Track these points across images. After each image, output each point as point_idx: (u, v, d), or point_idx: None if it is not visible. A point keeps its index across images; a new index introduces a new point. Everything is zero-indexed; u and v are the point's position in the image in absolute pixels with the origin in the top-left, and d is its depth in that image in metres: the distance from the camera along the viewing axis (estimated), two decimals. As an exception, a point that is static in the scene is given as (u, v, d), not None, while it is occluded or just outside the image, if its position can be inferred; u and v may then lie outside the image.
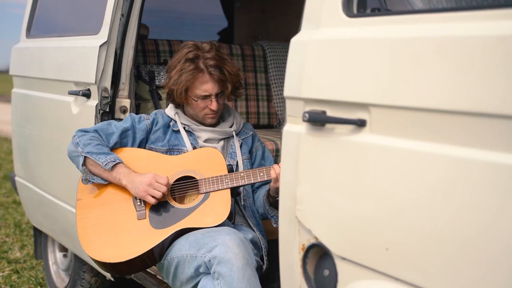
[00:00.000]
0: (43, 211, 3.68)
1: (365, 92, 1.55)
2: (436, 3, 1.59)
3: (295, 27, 1.84)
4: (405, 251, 1.46)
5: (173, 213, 2.36)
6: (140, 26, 2.97)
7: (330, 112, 1.65)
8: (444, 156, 1.38)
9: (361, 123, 1.56)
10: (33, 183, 3.73)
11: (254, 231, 2.49)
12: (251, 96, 3.84)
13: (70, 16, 3.76)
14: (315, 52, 1.70)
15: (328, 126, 1.66)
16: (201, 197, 2.38)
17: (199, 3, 5.02)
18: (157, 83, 3.32)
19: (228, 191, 2.37)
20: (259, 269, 2.36)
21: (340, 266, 1.65)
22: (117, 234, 2.36)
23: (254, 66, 3.89)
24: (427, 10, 1.57)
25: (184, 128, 2.57)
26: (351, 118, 1.58)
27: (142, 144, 2.56)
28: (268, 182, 2.48)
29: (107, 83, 2.88)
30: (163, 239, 2.30)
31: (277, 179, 2.24)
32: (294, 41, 1.78)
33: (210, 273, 2.15)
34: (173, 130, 2.58)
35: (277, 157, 3.11)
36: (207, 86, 2.46)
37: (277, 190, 2.04)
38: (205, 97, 2.48)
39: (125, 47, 2.92)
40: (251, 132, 2.70)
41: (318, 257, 1.75)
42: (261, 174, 2.37)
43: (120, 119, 2.84)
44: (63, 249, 3.84)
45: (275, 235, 1.93)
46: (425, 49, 1.42)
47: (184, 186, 2.44)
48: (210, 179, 2.38)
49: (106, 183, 2.43)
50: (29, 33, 3.94)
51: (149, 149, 2.55)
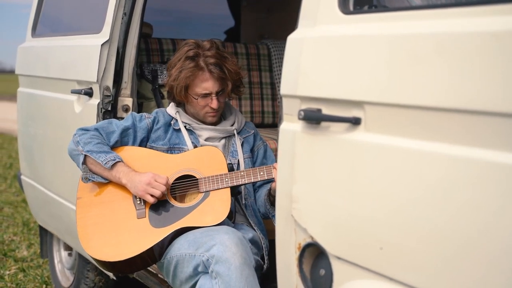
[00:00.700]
0: (48, 210, 3.69)
1: (360, 90, 1.53)
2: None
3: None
4: (400, 251, 1.44)
5: (172, 212, 2.35)
6: (143, 24, 2.96)
7: (326, 110, 1.63)
8: (440, 154, 1.35)
9: (356, 121, 1.55)
10: (38, 182, 3.74)
11: (255, 231, 2.48)
12: (256, 95, 3.82)
13: (73, 15, 3.76)
14: (311, 50, 1.69)
15: (324, 124, 1.64)
16: (201, 196, 2.36)
17: (206, 2, 5.02)
18: (160, 82, 3.31)
19: (228, 190, 2.35)
20: (259, 268, 2.35)
21: (336, 265, 1.63)
22: (116, 233, 2.36)
23: (258, 65, 3.87)
24: (423, 6, 1.55)
25: (185, 126, 2.56)
26: (346, 116, 1.56)
27: (143, 143, 2.55)
28: (269, 181, 2.47)
29: (109, 82, 2.87)
30: (162, 238, 2.29)
31: None
32: (291, 38, 1.77)
33: (208, 272, 2.14)
34: (174, 129, 2.57)
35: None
36: (207, 84, 2.46)
37: None
38: (206, 95, 2.47)
39: (128, 45, 2.91)
40: (253, 131, 2.68)
41: (315, 256, 1.73)
42: (262, 173, 2.36)
43: (122, 118, 2.84)
44: (68, 248, 3.85)
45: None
46: (422, 46, 1.39)
47: (184, 185, 2.43)
48: (210, 178, 2.37)
49: (106, 181, 2.43)
50: (34, 32, 3.95)
51: (150, 148, 2.54)
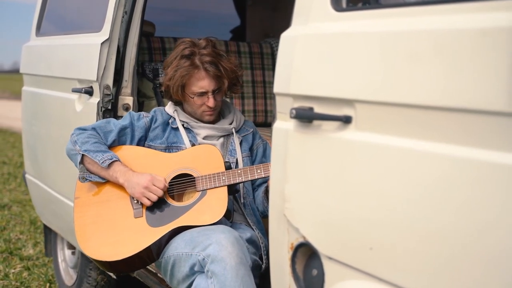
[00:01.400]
0: (51, 209, 3.69)
1: (350, 88, 1.51)
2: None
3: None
4: (390, 251, 1.42)
5: (169, 211, 2.34)
6: (143, 23, 2.96)
7: (318, 109, 1.61)
8: (432, 153, 1.33)
9: (346, 120, 1.52)
10: (42, 181, 3.75)
11: (253, 230, 2.46)
12: (259, 94, 3.80)
13: (76, 14, 3.77)
14: (303, 47, 1.67)
15: (316, 123, 1.62)
16: (198, 194, 2.35)
17: (212, 1, 5.00)
18: (161, 80, 3.30)
19: (225, 188, 2.34)
20: (258, 268, 2.33)
21: (327, 266, 1.61)
22: (114, 232, 2.35)
23: (262, 64, 3.86)
24: (417, 3, 1.52)
25: (183, 125, 2.55)
26: (337, 114, 1.54)
27: (141, 142, 2.54)
28: (268, 179, 2.45)
29: (109, 81, 2.87)
30: (159, 238, 2.28)
31: None
32: (284, 36, 1.75)
33: (204, 272, 2.13)
34: (172, 128, 2.56)
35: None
36: (203, 83, 2.44)
37: None
38: (202, 94, 2.46)
39: (128, 44, 2.91)
40: (252, 129, 2.67)
41: (307, 256, 1.71)
42: (259, 171, 2.34)
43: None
44: (71, 246, 3.85)
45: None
46: (415, 44, 1.37)
47: (182, 184, 2.42)
48: (207, 177, 2.36)
49: (104, 181, 2.43)
50: (38, 31, 3.96)
51: (148, 147, 2.53)
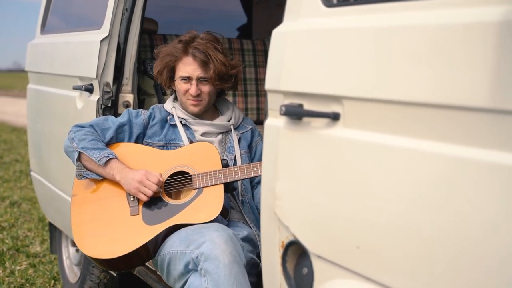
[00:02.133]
0: (55, 206, 3.70)
1: (338, 85, 1.49)
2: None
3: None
4: (375, 250, 1.40)
5: (166, 209, 2.33)
6: (147, 21, 2.95)
7: (307, 106, 1.59)
8: (422, 151, 1.30)
9: (335, 117, 1.50)
10: (46, 178, 3.76)
11: (251, 228, 2.44)
12: (262, 92, 3.78)
13: (79, 12, 3.78)
14: (293, 44, 1.65)
15: (305, 120, 1.60)
16: (194, 192, 2.34)
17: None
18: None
19: (221, 186, 2.32)
20: (255, 266, 2.31)
21: (316, 264, 1.59)
22: (110, 230, 2.35)
23: (265, 62, 3.82)
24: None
25: (181, 122, 2.54)
26: (325, 111, 1.52)
27: (139, 139, 2.54)
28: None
29: (109, 78, 2.87)
30: (155, 235, 2.27)
31: None
32: (275, 32, 1.73)
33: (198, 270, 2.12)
34: (170, 124, 2.55)
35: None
36: (188, 68, 2.48)
37: None
38: (186, 80, 2.49)
39: (129, 42, 2.91)
40: (251, 127, 2.65)
41: (298, 255, 1.69)
42: (255, 169, 2.32)
43: (123, 114, 2.83)
44: (75, 244, 3.85)
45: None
46: (408, 39, 1.33)
47: (179, 182, 2.41)
48: (204, 174, 2.35)
49: (101, 178, 2.42)
50: (43, 29, 3.97)
51: (146, 144, 2.53)
